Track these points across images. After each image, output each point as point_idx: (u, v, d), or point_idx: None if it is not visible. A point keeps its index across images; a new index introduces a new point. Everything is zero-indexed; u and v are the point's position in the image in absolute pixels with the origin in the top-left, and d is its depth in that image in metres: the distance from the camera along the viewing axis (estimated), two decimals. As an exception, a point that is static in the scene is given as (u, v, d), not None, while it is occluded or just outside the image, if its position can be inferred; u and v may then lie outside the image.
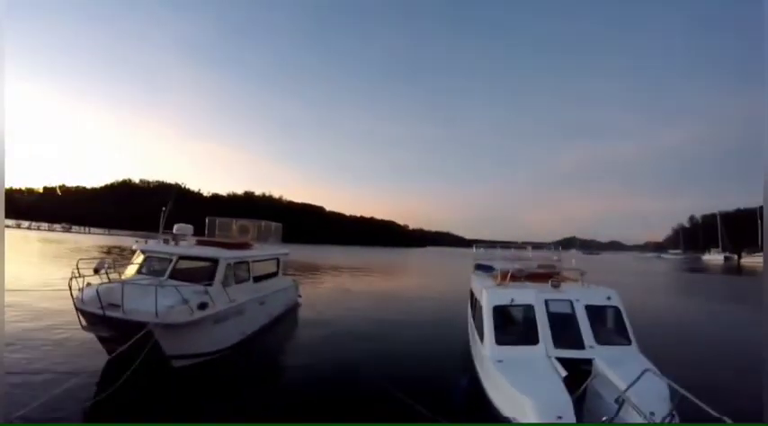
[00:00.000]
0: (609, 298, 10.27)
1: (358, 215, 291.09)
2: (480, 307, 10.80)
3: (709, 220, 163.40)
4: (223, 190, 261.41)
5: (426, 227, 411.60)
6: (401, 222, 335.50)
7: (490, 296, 10.51)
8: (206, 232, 18.43)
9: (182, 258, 13.40)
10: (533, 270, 13.54)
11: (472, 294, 14.93)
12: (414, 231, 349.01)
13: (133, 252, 14.17)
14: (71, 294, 10.79)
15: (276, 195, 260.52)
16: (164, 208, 15.20)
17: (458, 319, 19.49)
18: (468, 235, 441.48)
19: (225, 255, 13.75)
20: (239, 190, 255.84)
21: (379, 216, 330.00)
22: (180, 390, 10.15)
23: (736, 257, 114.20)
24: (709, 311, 27.85)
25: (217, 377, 11.12)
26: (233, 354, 12.66)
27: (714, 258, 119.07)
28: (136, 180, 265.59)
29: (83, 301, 10.70)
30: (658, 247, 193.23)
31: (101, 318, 10.24)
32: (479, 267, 17.44)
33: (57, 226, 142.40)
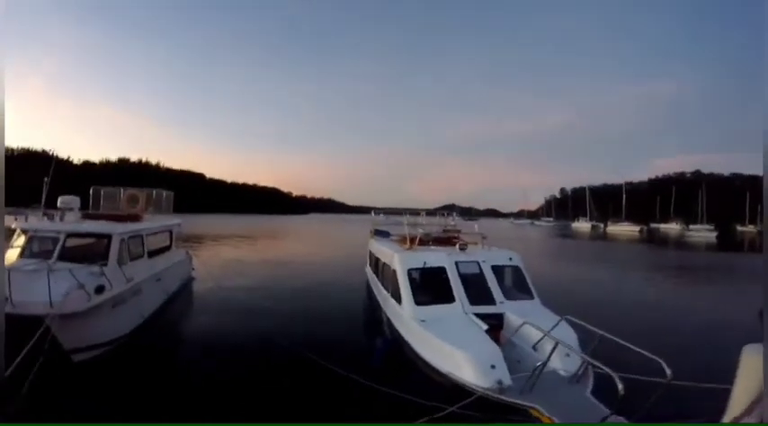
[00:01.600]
0: (511, 259, 11.55)
1: (240, 182, 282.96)
2: (393, 271, 11.52)
3: (578, 193, 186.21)
4: (95, 157, 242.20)
5: (310, 194, 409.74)
6: (285, 189, 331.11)
7: (403, 259, 11.25)
8: (90, 204, 16.64)
9: (70, 235, 11.99)
10: (438, 235, 14.32)
11: (375, 257, 15.76)
12: (297, 198, 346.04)
13: (11, 231, 12.38)
14: None
15: (153, 162, 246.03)
16: (45, 179, 13.55)
17: (354, 281, 20.65)
18: (350, 202, 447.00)
19: (118, 230, 12.49)
20: (113, 157, 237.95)
21: (262, 183, 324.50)
22: (88, 390, 8.99)
23: (602, 225, 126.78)
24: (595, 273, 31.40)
25: (122, 368, 9.99)
26: (134, 340, 11.55)
27: (582, 225, 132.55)
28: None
29: None
30: (531, 215, 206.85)
31: None
32: (378, 232, 18.12)
33: None
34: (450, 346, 7.79)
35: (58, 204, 13.80)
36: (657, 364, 5.46)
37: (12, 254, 11.73)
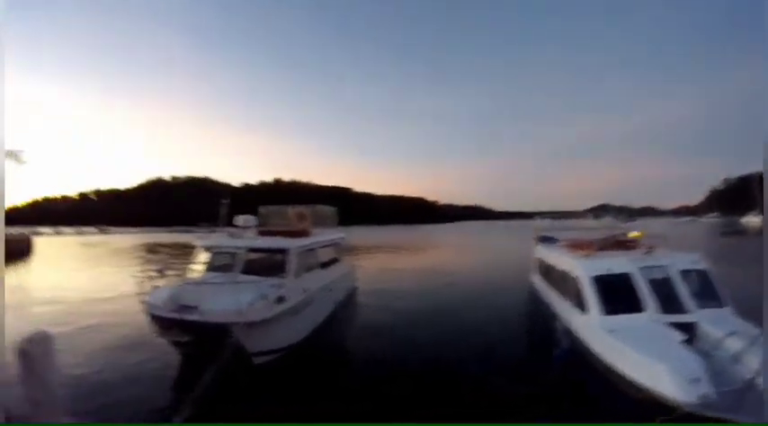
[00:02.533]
0: (698, 262, 10.39)
1: (387, 194, 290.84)
2: (574, 278, 11.02)
3: (744, 183, 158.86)
4: (251, 179, 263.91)
5: (456, 202, 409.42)
6: (431, 198, 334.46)
7: (586, 266, 10.68)
8: (258, 221, 17.42)
9: (250, 251, 12.93)
10: (616, 238, 13.49)
11: (545, 265, 15.14)
12: (444, 207, 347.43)
13: (190, 249, 13.64)
14: (143, 300, 10.36)
15: (304, 180, 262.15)
16: (223, 201, 14.61)
17: (514, 289, 19.91)
18: (497, 208, 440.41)
19: (294, 245, 13.28)
20: (268, 178, 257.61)
21: (408, 194, 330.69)
22: (267, 389, 9.66)
23: None
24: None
25: (298, 371, 10.62)
26: (307, 346, 12.17)
27: (752, 220, 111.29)
28: (166, 177, 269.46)
29: (154, 306, 10.14)
30: (692, 211, 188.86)
31: (177, 323, 9.68)
32: (544, 239, 17.48)
33: (92, 228, 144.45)
34: (649, 357, 7.27)
35: (237, 222, 14.90)
36: None
37: (196, 268, 12.97)
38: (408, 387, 9.47)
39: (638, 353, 7.55)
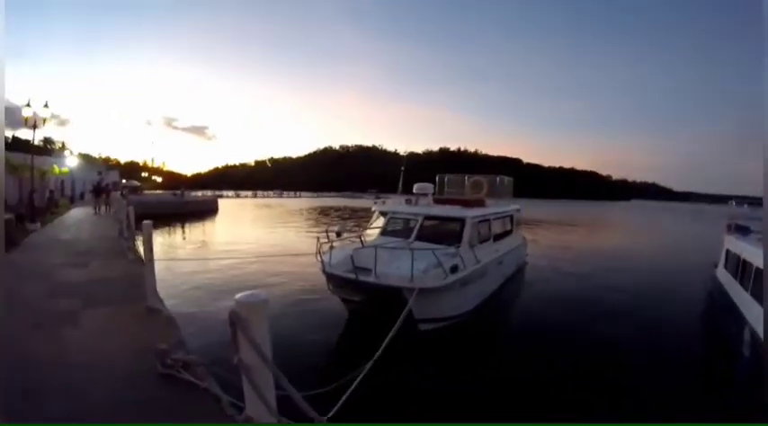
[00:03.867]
0: None
1: (557, 166, 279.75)
2: None
3: None
4: (419, 148, 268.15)
5: (630, 178, 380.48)
6: (603, 172, 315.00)
7: None
8: (435, 190, 17.43)
9: (427, 218, 13.12)
10: None
11: (739, 260, 13.09)
12: (617, 182, 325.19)
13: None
14: (319, 259, 10.94)
15: (471, 150, 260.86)
16: (402, 168, 15.05)
17: (691, 283, 18.49)
18: (676, 187, 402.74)
19: (471, 214, 13.16)
20: (434, 147, 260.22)
21: (579, 166, 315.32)
22: (429, 355, 9.91)
23: None
24: None
25: (461, 341, 10.76)
26: (475, 317, 12.12)
27: None
28: (336, 146, 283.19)
29: (330, 265, 10.67)
30: None
31: (352, 283, 10.12)
32: (738, 228, 15.33)
33: (270, 192, 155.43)
34: None
35: (414, 190, 15.14)
36: None
37: (372, 232, 13.51)
38: (563, 372, 9.21)
39: None
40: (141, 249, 13.86)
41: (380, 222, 13.91)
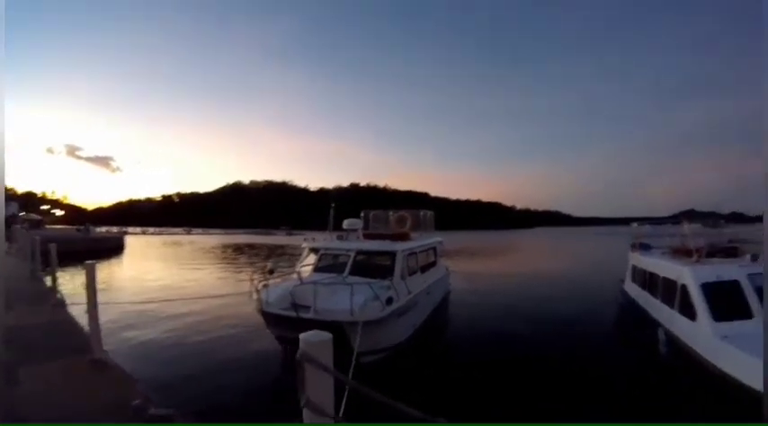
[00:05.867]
0: None
1: (463, 198, 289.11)
2: (682, 286, 11.08)
3: None
4: (329, 184, 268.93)
5: (533, 207, 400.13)
6: (508, 203, 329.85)
7: (695, 273, 10.71)
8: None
9: (359, 253, 13.44)
10: (723, 245, 13.49)
11: (644, 272, 15.15)
12: (521, 211, 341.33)
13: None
14: (255, 297, 10.87)
15: (381, 185, 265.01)
16: (332, 204, 15.46)
17: (603, 296, 20.36)
18: (576, 213, 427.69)
19: (401, 248, 13.72)
20: (344, 182, 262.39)
21: (485, 198, 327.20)
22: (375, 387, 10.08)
23: None
24: None
25: (402, 371, 11.02)
26: (408, 347, 12.48)
27: None
28: (245, 181, 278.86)
29: (267, 303, 10.67)
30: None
31: (293, 320, 10.05)
32: (642, 246, 17.44)
33: (179, 229, 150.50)
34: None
35: (344, 226, 15.66)
36: None
37: (304, 269, 13.48)
38: (506, 386, 9.98)
39: (753, 357, 7.72)
40: (63, 291, 13.34)
41: (312, 259, 14.10)
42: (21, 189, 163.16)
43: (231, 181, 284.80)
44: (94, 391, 5.68)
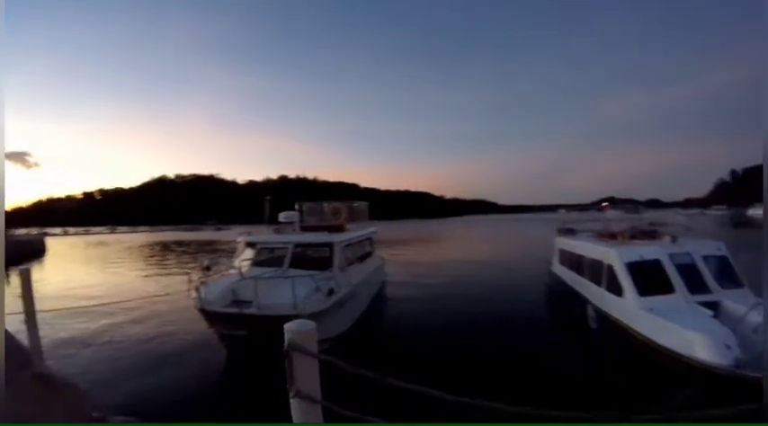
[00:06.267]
0: (719, 249, 11.62)
1: (393, 189, 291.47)
2: (609, 266, 12.02)
3: (752, 173, 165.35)
4: (257, 177, 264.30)
5: (461, 196, 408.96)
6: (437, 193, 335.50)
7: (621, 254, 11.67)
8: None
9: (297, 246, 13.32)
10: (644, 229, 14.47)
11: (572, 255, 16.18)
12: (450, 201, 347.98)
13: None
14: (194, 296, 10.50)
15: (310, 177, 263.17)
16: (267, 198, 15.23)
17: (532, 279, 21.26)
18: (502, 202, 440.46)
19: (338, 239, 13.82)
20: (273, 175, 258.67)
21: (414, 188, 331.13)
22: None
23: None
24: None
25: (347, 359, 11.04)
26: (349, 337, 12.49)
27: (759, 212, 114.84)
28: (171, 175, 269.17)
29: (207, 301, 10.32)
30: (701, 203, 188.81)
31: (236, 317, 9.92)
32: (567, 230, 18.44)
33: (103, 228, 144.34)
34: (687, 330, 8.33)
35: (281, 219, 15.64)
36: None
37: (242, 264, 13.11)
38: (446, 372, 10.14)
39: (677, 326, 8.61)
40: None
41: (249, 253, 13.87)
42: None
43: (156, 175, 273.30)
44: (48, 406, 5.29)
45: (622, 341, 10.48)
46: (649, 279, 10.90)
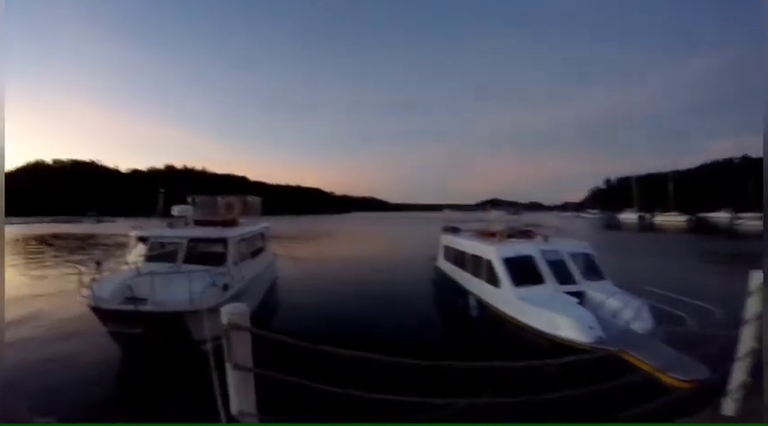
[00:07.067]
0: (584, 247, 13.58)
1: (283, 184, 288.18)
2: (488, 261, 13.53)
3: (623, 183, 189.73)
4: (141, 166, 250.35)
5: (351, 194, 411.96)
6: (327, 189, 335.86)
7: (499, 250, 13.23)
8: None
9: (191, 241, 13.22)
10: (520, 229, 16.21)
11: (456, 251, 17.71)
12: (340, 197, 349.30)
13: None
14: (86, 293, 9.97)
15: (198, 168, 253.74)
16: (161, 190, 14.95)
17: (422, 273, 22.48)
18: (391, 200, 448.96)
19: (232, 234, 13.91)
20: (159, 165, 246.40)
21: (305, 184, 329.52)
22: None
23: (649, 216, 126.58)
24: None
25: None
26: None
27: (629, 217, 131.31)
28: (48, 160, 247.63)
29: (100, 298, 9.88)
30: (577, 207, 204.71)
31: (131, 314, 9.58)
32: (452, 229, 19.97)
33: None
34: (556, 313, 9.84)
35: (174, 213, 15.37)
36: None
37: (135, 260, 12.70)
38: (340, 365, 10.67)
39: (548, 310, 10.11)
40: None
41: (141, 248, 13.43)
42: None
43: (32, 160, 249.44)
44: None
45: (500, 326, 11.82)
46: (523, 272, 12.39)
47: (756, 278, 4.41)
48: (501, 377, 6.27)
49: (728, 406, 4.64)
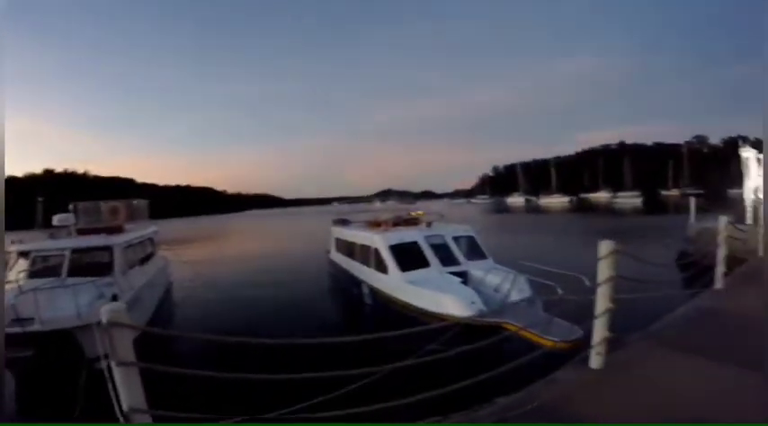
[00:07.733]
0: (466, 231, 14.80)
1: (173, 184, 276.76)
2: (375, 249, 14.32)
3: (510, 170, 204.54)
4: (17, 171, 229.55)
5: (245, 191, 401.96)
6: (219, 188, 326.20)
7: (384, 238, 14.13)
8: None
9: (74, 252, 12.67)
10: (405, 217, 17.09)
11: (346, 242, 18.50)
12: (233, 196, 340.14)
13: None
14: None
15: (80, 171, 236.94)
16: (39, 199, 14.18)
17: (317, 266, 23.16)
18: (286, 196, 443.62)
19: (118, 241, 13.57)
20: (36, 169, 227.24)
21: (195, 183, 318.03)
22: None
23: (534, 199, 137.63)
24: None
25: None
26: (137, 346, 11.84)
27: (516, 200, 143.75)
28: None
29: None
30: (467, 194, 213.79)
31: (17, 337, 8.80)
32: (341, 221, 20.77)
33: None
34: (440, 293, 10.66)
35: (55, 222, 14.66)
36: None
37: (16, 276, 11.95)
38: (246, 368, 10.70)
39: (432, 291, 10.95)
40: None
41: (23, 264, 12.52)
42: None
43: None
44: None
45: (390, 310, 12.65)
46: (408, 257, 13.23)
47: (605, 246, 5.19)
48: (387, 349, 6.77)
49: (594, 360, 5.35)
